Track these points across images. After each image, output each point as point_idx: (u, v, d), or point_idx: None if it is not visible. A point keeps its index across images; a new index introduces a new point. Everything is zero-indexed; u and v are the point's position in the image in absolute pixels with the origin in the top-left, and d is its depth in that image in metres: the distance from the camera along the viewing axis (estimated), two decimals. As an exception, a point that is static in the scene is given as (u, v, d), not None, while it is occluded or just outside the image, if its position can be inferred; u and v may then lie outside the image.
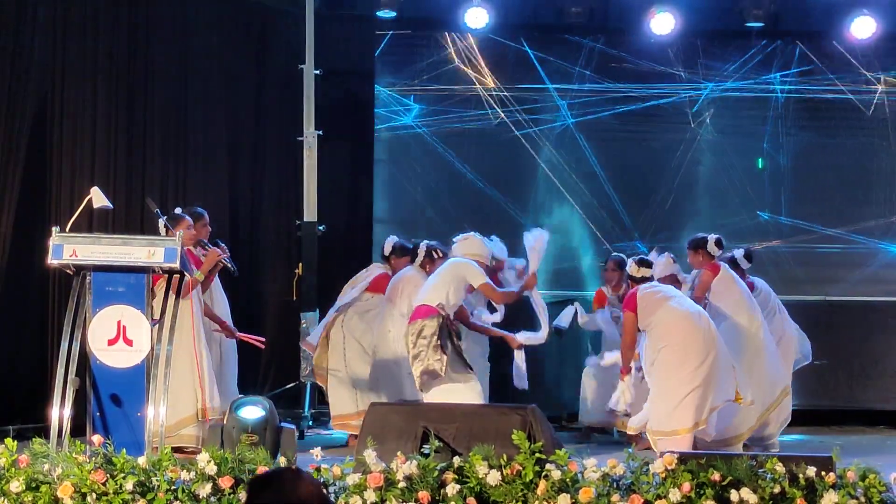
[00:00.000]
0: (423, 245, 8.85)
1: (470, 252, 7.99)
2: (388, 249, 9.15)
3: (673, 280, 8.67)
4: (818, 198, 11.19)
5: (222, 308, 8.44)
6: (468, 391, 7.53)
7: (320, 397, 10.19)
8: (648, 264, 8.39)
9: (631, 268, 8.38)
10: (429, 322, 7.55)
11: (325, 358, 9.02)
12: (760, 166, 11.29)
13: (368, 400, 8.37)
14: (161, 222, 7.08)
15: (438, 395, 7.52)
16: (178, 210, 8.02)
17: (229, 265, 8.18)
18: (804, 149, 11.21)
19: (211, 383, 7.83)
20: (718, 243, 8.76)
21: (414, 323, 7.59)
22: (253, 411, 6.89)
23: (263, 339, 8.62)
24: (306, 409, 10.06)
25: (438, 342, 7.48)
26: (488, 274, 8.11)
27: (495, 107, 11.21)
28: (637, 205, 11.10)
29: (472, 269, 7.83)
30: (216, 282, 8.38)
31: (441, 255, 8.65)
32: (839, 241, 11.02)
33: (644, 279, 8.23)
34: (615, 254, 9.94)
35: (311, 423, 9.84)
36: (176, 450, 6.56)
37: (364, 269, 9.33)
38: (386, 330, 8.66)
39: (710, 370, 7.71)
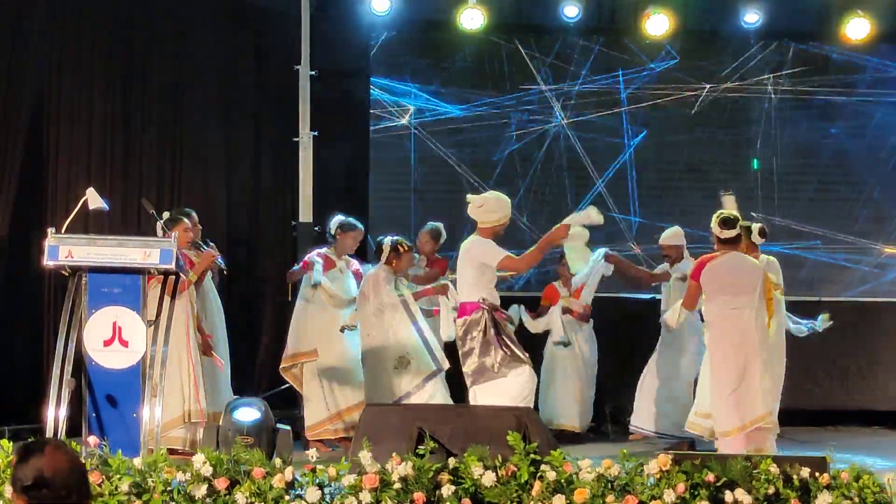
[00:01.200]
0: (387, 241, 8.70)
1: (489, 220, 7.62)
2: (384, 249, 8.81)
3: (679, 252, 8.72)
4: (810, 198, 11.22)
5: (215, 309, 8.44)
6: (519, 381, 7.42)
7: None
8: (733, 224, 7.66)
9: (715, 228, 7.62)
10: (474, 318, 7.51)
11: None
12: (755, 167, 11.32)
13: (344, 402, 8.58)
14: (159, 224, 7.08)
15: (488, 389, 7.49)
16: (166, 213, 8.00)
17: (220, 264, 8.23)
18: (797, 150, 11.25)
19: (199, 386, 7.83)
20: (762, 233, 8.37)
21: (463, 319, 7.59)
22: (248, 413, 6.92)
23: (223, 363, 8.37)
24: (301, 409, 10.05)
25: (487, 337, 7.47)
26: None
27: (491, 107, 11.23)
28: (632, 206, 11.12)
29: (485, 250, 7.53)
30: (210, 284, 8.38)
31: (406, 248, 8.67)
32: (832, 241, 11.05)
33: (729, 241, 7.59)
34: None
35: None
36: (169, 451, 6.56)
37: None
38: (364, 334, 8.62)
39: (750, 382, 7.38)
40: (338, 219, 9.13)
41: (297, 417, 9.79)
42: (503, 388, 7.37)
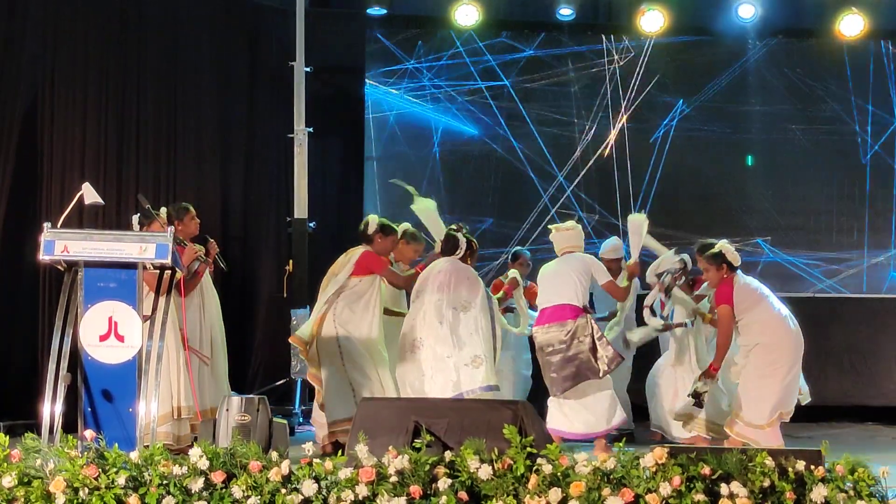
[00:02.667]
0: (461, 237, 8.23)
1: (571, 244, 8.11)
2: (372, 227, 8.29)
3: (619, 265, 8.83)
4: (806, 196, 11.24)
5: (214, 305, 8.43)
6: (609, 400, 7.86)
7: (310, 394, 10.19)
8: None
9: (730, 255, 7.91)
10: (581, 322, 7.79)
11: (315, 357, 8.18)
12: (750, 164, 11.35)
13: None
14: (135, 218, 7.08)
15: (573, 395, 7.82)
16: (163, 209, 8.02)
17: (221, 262, 8.24)
18: (793, 147, 11.27)
19: (187, 383, 7.81)
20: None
21: (562, 323, 7.74)
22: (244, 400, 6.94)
23: (208, 357, 8.19)
24: (296, 405, 10.07)
25: (596, 342, 7.76)
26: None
27: (488, 102, 11.25)
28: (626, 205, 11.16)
29: (599, 266, 8.10)
30: (208, 280, 8.38)
31: (477, 247, 8.39)
32: (827, 238, 11.08)
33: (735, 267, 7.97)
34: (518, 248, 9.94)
35: (301, 419, 9.85)
36: None
37: (342, 255, 8.42)
38: (436, 323, 7.91)
39: (795, 376, 7.89)
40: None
41: (292, 413, 9.82)
42: (593, 391, 7.78)
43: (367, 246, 8.25)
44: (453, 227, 8.28)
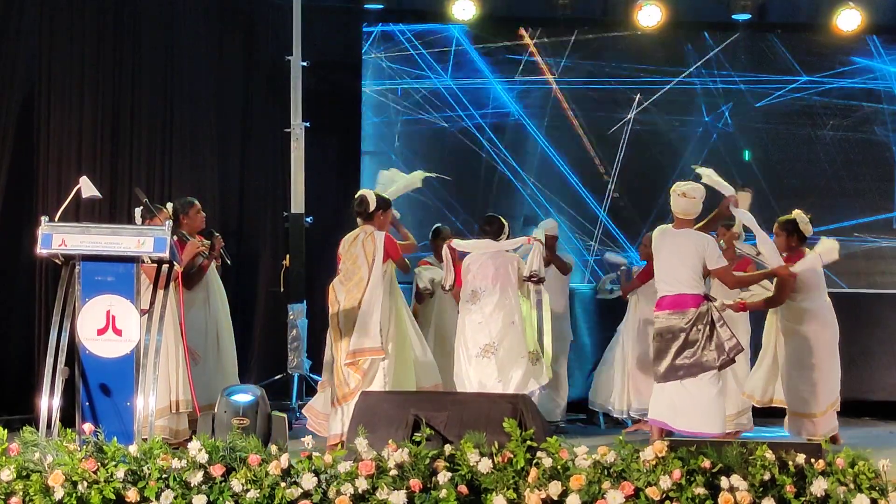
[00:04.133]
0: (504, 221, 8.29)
1: (691, 214, 7.79)
2: (372, 204, 8.04)
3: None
4: (804, 190, 11.23)
5: (220, 299, 8.45)
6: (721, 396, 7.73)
7: (308, 389, 10.18)
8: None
9: (802, 225, 8.32)
10: (702, 310, 7.60)
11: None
12: (747, 158, 11.34)
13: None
14: (138, 211, 7.09)
15: (672, 388, 7.63)
16: (170, 204, 8.08)
17: (226, 257, 8.29)
18: (791, 142, 11.27)
19: (184, 376, 7.79)
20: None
21: (683, 311, 7.59)
22: (244, 396, 6.93)
23: (196, 357, 8.16)
24: (293, 401, 10.06)
25: (716, 330, 7.58)
26: None
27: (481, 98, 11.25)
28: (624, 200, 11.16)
29: (714, 252, 7.71)
30: (214, 274, 8.39)
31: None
32: (825, 233, 11.07)
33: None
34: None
35: (299, 414, 9.83)
36: None
37: (351, 238, 8.06)
38: (508, 323, 7.94)
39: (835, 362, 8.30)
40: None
41: (290, 408, 9.80)
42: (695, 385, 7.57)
43: (371, 224, 8.04)
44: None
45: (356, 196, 8.27)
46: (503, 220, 8.29)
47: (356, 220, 8.20)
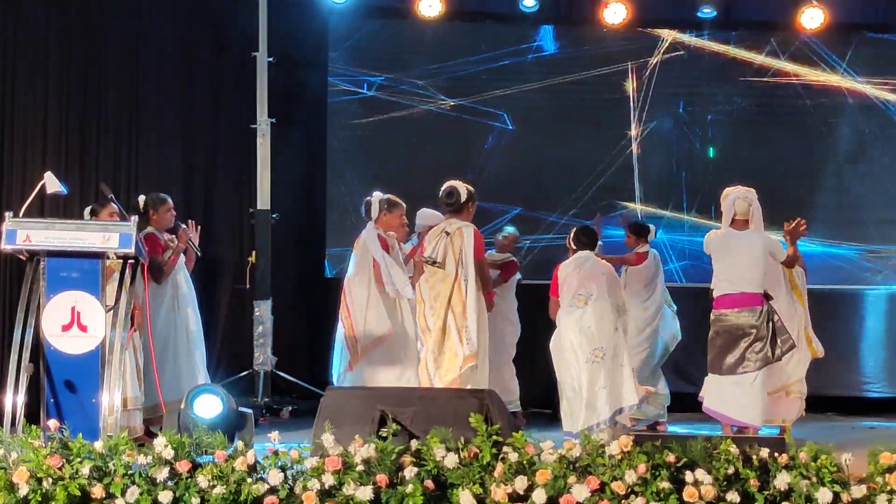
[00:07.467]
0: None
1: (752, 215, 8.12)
2: (463, 196, 7.84)
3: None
4: (765, 188, 11.30)
5: (188, 294, 8.43)
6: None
7: (273, 386, 10.17)
8: None
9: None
10: (767, 308, 7.93)
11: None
12: (711, 155, 11.42)
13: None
14: (87, 210, 7.04)
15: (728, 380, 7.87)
16: (141, 197, 8.06)
17: (193, 247, 8.26)
18: (752, 140, 11.36)
19: (133, 372, 7.74)
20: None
21: (752, 308, 7.85)
22: (209, 406, 6.65)
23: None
24: (259, 397, 10.04)
25: (776, 327, 7.88)
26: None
27: (446, 93, 11.25)
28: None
29: (778, 246, 8.13)
30: (184, 273, 8.37)
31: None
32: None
33: None
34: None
35: (264, 411, 9.81)
36: None
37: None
38: (612, 330, 7.89)
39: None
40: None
41: (256, 405, 9.78)
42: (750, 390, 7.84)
43: (458, 217, 7.84)
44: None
45: (444, 187, 8.00)
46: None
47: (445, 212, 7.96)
